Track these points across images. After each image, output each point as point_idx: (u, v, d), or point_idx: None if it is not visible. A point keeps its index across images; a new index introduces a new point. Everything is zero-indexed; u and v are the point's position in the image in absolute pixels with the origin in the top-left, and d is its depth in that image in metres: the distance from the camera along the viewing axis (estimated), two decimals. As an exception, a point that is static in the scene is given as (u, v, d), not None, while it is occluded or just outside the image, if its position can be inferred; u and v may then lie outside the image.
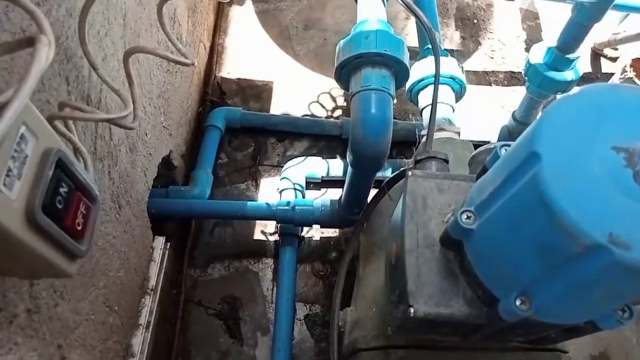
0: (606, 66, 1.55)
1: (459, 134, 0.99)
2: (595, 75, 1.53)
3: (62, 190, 0.43)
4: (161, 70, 1.04)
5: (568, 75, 1.10)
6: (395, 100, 0.82)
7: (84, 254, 0.47)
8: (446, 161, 0.68)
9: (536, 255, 0.43)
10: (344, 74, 0.82)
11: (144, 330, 0.96)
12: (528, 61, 1.14)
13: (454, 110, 1.03)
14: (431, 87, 1.01)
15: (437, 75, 0.72)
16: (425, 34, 0.85)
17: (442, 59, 1.01)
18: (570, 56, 1.07)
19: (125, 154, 0.86)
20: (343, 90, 1.43)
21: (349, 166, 0.89)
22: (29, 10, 0.39)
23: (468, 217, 0.51)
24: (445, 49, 1.12)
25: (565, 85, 1.12)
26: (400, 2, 0.84)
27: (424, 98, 1.03)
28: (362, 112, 0.77)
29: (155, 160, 1.04)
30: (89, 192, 0.48)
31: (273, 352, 1.08)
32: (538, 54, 1.12)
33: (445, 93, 1.01)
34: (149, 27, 0.95)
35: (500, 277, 0.49)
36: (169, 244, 1.07)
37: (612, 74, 1.50)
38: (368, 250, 0.98)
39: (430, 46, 1.06)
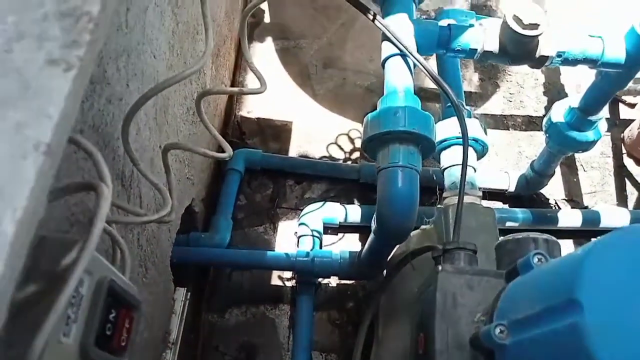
0: (625, 112, 1.56)
1: (481, 197, 0.99)
2: (614, 121, 1.53)
3: (111, 316, 0.44)
4: (187, 123, 1.05)
5: (589, 135, 1.11)
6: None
7: (125, 367, 0.48)
8: (474, 252, 0.69)
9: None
10: (371, 147, 0.83)
11: (165, 384, 0.97)
12: (549, 118, 1.14)
13: (475, 171, 1.04)
14: (454, 147, 1.03)
15: (464, 169, 0.73)
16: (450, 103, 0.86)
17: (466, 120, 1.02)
18: (593, 118, 1.07)
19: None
20: (361, 133, 1.44)
21: (372, 233, 0.90)
22: (89, 152, 0.40)
23: (501, 332, 0.52)
24: (467, 108, 1.13)
25: (587, 145, 1.12)
26: (427, 73, 0.85)
27: (447, 158, 1.03)
28: (389, 189, 0.78)
29: (179, 214, 1.05)
30: (132, 303, 0.49)
31: (289, 402, 1.10)
32: (559, 112, 1.13)
33: (469, 155, 1.02)
34: (177, 85, 0.96)
35: (533, 398, 0.50)
36: (189, 293, 1.08)
37: (631, 121, 1.51)
38: (388, 312, 0.99)
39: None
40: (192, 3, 1.00)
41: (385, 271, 1.09)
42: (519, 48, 0.88)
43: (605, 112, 1.09)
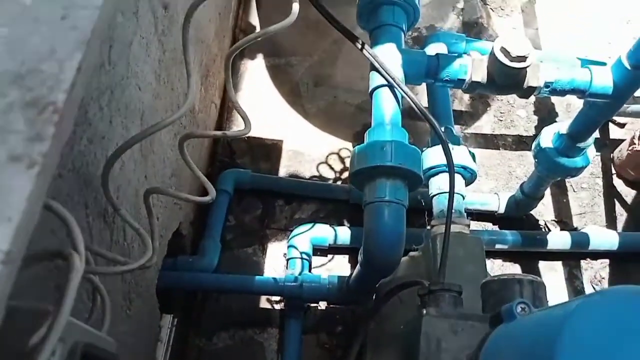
0: (615, 132, 1.56)
1: (469, 226, 0.99)
2: (604, 141, 1.54)
3: (85, 379, 0.43)
4: (174, 149, 1.04)
5: (578, 161, 1.11)
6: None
7: None
8: (459, 293, 0.69)
9: None
10: (358, 180, 0.82)
11: (149, 414, 0.96)
12: (538, 143, 1.14)
13: (464, 198, 1.04)
14: (442, 175, 1.02)
15: (449, 209, 0.72)
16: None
17: (454, 148, 1.02)
18: (581, 145, 1.07)
19: (137, 248, 0.87)
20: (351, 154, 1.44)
21: (359, 265, 0.89)
22: (62, 219, 0.39)
23: (484, 385, 0.51)
24: (455, 134, 1.13)
25: (575, 171, 1.12)
26: (415, 106, 0.85)
27: (436, 185, 1.03)
28: (376, 224, 0.78)
29: (166, 239, 1.04)
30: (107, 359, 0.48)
31: None
32: (548, 138, 1.13)
33: (456, 183, 1.02)
34: (163, 113, 0.95)
35: None
36: (175, 320, 1.07)
37: (621, 141, 1.51)
38: (376, 341, 0.98)
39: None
40: (179, 29, 0.99)
41: (374, 296, 1.09)
42: (506, 79, 0.88)
43: (594, 135, 1.09)
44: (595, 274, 1.34)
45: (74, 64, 0.28)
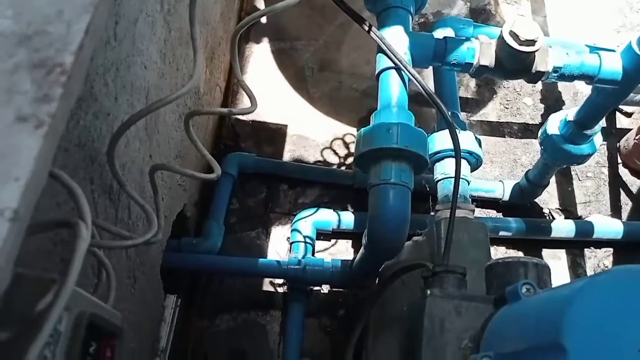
0: (621, 121, 1.55)
1: (473, 211, 0.99)
2: (610, 130, 1.53)
3: (91, 349, 0.43)
4: (179, 130, 1.04)
5: (584, 148, 1.10)
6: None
7: (107, 397, 0.48)
8: (464, 275, 0.69)
9: None
10: (363, 162, 0.82)
11: (153, 392, 0.97)
12: (545, 130, 1.14)
13: (469, 183, 1.04)
14: (448, 160, 1.02)
15: (455, 190, 0.72)
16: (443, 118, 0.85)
17: (460, 133, 1.01)
18: (588, 132, 1.06)
19: (142, 227, 0.87)
20: (356, 138, 1.43)
21: (363, 247, 0.89)
22: (69, 189, 0.39)
23: (487, 364, 0.51)
24: (461, 119, 1.12)
25: (581, 159, 1.12)
26: (422, 89, 0.84)
27: (441, 170, 1.02)
28: (381, 206, 0.78)
29: (170, 220, 1.05)
30: (114, 332, 0.49)
31: (278, 409, 1.10)
32: (555, 125, 1.12)
33: (462, 168, 1.01)
34: (168, 92, 0.95)
35: None
36: (179, 300, 1.08)
37: (628, 130, 1.50)
38: (378, 324, 0.98)
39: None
40: (186, 9, 0.98)
41: (377, 280, 1.09)
42: (515, 63, 0.87)
43: (601, 123, 1.08)
44: (599, 263, 1.34)
45: (82, 26, 0.28)
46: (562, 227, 1.31)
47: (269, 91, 1.49)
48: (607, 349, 0.40)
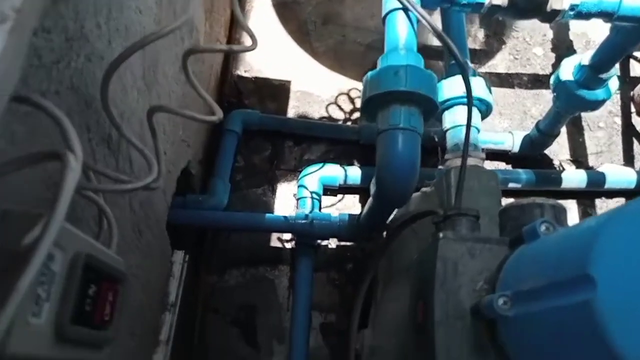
0: (635, 69, 1.50)
1: (484, 159, 0.96)
2: (624, 79, 1.48)
3: (90, 291, 0.42)
4: (180, 83, 1.01)
5: (599, 93, 1.06)
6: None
7: (111, 342, 0.47)
8: (477, 217, 0.67)
9: (578, 370, 0.42)
10: (370, 108, 0.79)
11: (164, 346, 0.97)
12: (557, 76, 1.10)
13: (479, 131, 1.01)
14: (458, 108, 0.99)
15: (467, 131, 0.69)
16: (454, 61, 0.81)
17: (471, 79, 0.97)
18: (604, 76, 1.02)
19: (144, 178, 0.85)
20: (361, 92, 1.39)
21: (371, 197, 0.87)
22: (53, 117, 0.37)
23: (505, 303, 0.50)
24: (471, 66, 1.08)
25: (596, 104, 1.08)
26: (431, 29, 0.80)
27: (450, 118, 0.99)
28: (389, 152, 0.75)
29: (174, 176, 1.03)
30: (116, 276, 0.47)
31: (289, 361, 1.10)
32: (568, 70, 1.08)
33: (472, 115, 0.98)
34: (167, 43, 0.92)
35: (535, 371, 0.48)
36: (187, 256, 1.07)
37: (642, 79, 1.45)
38: (387, 275, 0.98)
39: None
40: (181, -49, 0.93)
41: (385, 233, 1.07)
42: (528, 2, 0.83)
43: (616, 68, 1.04)
44: (610, 213, 1.31)
45: None
46: (573, 178, 1.28)
47: (271, 46, 1.45)
48: (637, 279, 0.38)
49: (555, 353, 0.45)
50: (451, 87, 0.98)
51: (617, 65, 1.04)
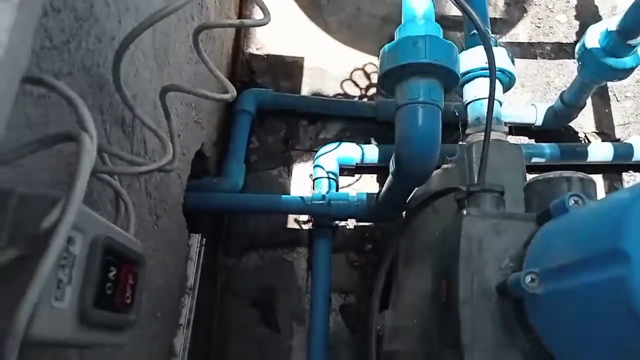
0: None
1: (507, 133, 0.93)
2: (652, 46, 1.41)
3: (110, 274, 0.41)
4: (191, 63, 0.99)
5: (627, 61, 1.01)
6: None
7: (133, 324, 0.46)
8: (502, 193, 0.64)
9: (612, 350, 0.40)
10: (388, 82, 0.76)
11: (184, 329, 0.97)
12: (583, 44, 1.05)
13: (501, 104, 0.97)
14: (479, 80, 0.95)
15: (490, 103, 0.66)
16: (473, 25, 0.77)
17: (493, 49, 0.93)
18: (632, 42, 0.97)
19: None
20: (377, 67, 1.36)
21: (390, 175, 0.85)
22: (67, 98, 0.35)
23: (533, 280, 0.48)
24: (493, 36, 1.03)
25: (624, 73, 1.03)
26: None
27: (471, 91, 0.96)
28: (409, 127, 0.72)
29: (189, 158, 1.02)
30: (135, 259, 0.46)
31: (309, 342, 1.10)
32: (595, 37, 1.03)
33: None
34: (177, 22, 0.89)
35: (566, 351, 0.46)
36: (204, 239, 1.06)
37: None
38: (408, 253, 0.96)
39: (476, 32, 0.97)
40: None
41: (404, 213, 1.05)
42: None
43: None
44: (638, 187, 1.27)
45: None
46: (600, 151, 1.24)
47: (283, 22, 1.41)
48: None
49: (587, 330, 0.43)
50: (471, 59, 0.95)
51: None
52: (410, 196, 0.97)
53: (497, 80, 0.95)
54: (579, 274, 0.41)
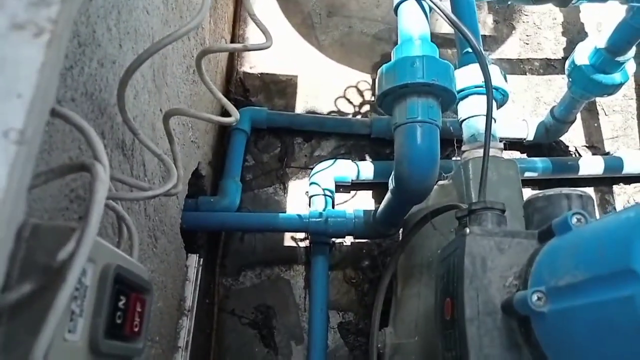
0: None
1: (502, 150, 0.94)
2: (637, 61, 1.45)
3: (120, 303, 0.41)
4: (187, 83, 0.99)
5: (616, 77, 1.04)
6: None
7: (141, 352, 0.46)
8: (503, 211, 0.65)
9: (624, 368, 0.40)
10: (387, 101, 0.77)
11: (183, 351, 0.96)
12: (572, 61, 1.07)
13: (495, 121, 0.98)
14: (473, 97, 0.96)
15: (488, 121, 0.67)
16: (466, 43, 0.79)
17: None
18: (621, 59, 1.00)
19: (158, 184, 0.83)
20: (370, 85, 1.37)
21: (389, 192, 0.86)
22: (79, 128, 0.35)
23: (539, 299, 0.48)
24: (485, 54, 1.05)
25: (613, 89, 1.06)
26: (445, 18, 0.78)
27: (466, 108, 0.97)
28: (408, 146, 0.73)
29: (186, 179, 1.01)
30: (142, 286, 0.46)
31: (308, 361, 1.09)
32: (584, 54, 1.05)
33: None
34: (174, 43, 0.90)
35: (575, 369, 0.47)
36: (202, 259, 1.06)
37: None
38: (407, 271, 0.96)
39: (470, 50, 0.99)
40: (185, -50, 0.91)
41: (402, 229, 1.06)
42: (544, -15, 0.80)
43: (633, 51, 1.02)
44: (629, 199, 1.29)
45: None
46: (590, 164, 1.26)
47: (276, 41, 1.41)
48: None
49: (595, 349, 0.43)
50: (466, 76, 0.96)
51: (634, 48, 1.01)
52: (408, 213, 0.97)
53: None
54: (586, 293, 0.42)
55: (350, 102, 1.39)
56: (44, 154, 0.47)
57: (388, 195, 0.88)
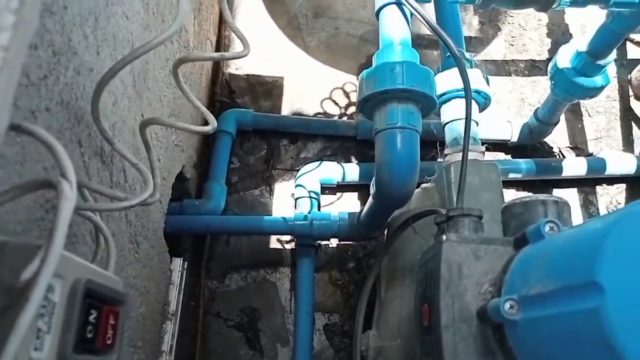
0: (633, 52, 1.48)
1: (484, 153, 0.95)
2: (621, 62, 1.46)
3: (91, 317, 0.41)
4: (170, 87, 0.99)
5: (598, 80, 1.05)
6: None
7: (115, 364, 0.46)
8: (480, 217, 0.65)
9: (591, 377, 0.41)
10: (367, 107, 0.77)
11: (167, 355, 0.96)
12: (555, 64, 1.08)
13: (477, 124, 0.99)
14: (456, 101, 0.97)
15: (467, 127, 0.67)
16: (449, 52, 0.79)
17: (468, 71, 0.96)
18: (602, 62, 1.01)
19: (139, 190, 0.83)
20: (356, 86, 1.37)
21: (371, 197, 0.86)
22: (46, 144, 0.35)
23: (511, 307, 0.49)
24: (468, 57, 1.06)
25: (595, 91, 1.06)
26: (425, 23, 0.78)
27: (448, 112, 0.97)
28: (388, 152, 0.73)
29: (169, 182, 1.01)
30: (116, 298, 0.46)
31: (294, 363, 1.10)
32: (566, 57, 1.06)
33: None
34: (156, 49, 0.89)
35: (546, 376, 0.47)
36: (186, 263, 1.06)
37: (639, 61, 1.44)
38: (390, 274, 0.97)
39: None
40: (166, -47, 0.91)
41: (386, 231, 1.06)
42: (524, -10, 0.81)
43: (614, 55, 1.03)
44: (612, 200, 1.31)
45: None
46: (573, 165, 1.27)
47: (261, 42, 1.42)
48: (648, 284, 0.36)
49: (564, 358, 0.44)
50: (448, 80, 0.96)
51: (615, 51, 1.02)
52: (391, 216, 0.98)
53: (473, 102, 0.97)
54: (555, 303, 0.43)
55: (337, 104, 1.39)
56: (17, 166, 0.46)
57: (370, 199, 0.88)
